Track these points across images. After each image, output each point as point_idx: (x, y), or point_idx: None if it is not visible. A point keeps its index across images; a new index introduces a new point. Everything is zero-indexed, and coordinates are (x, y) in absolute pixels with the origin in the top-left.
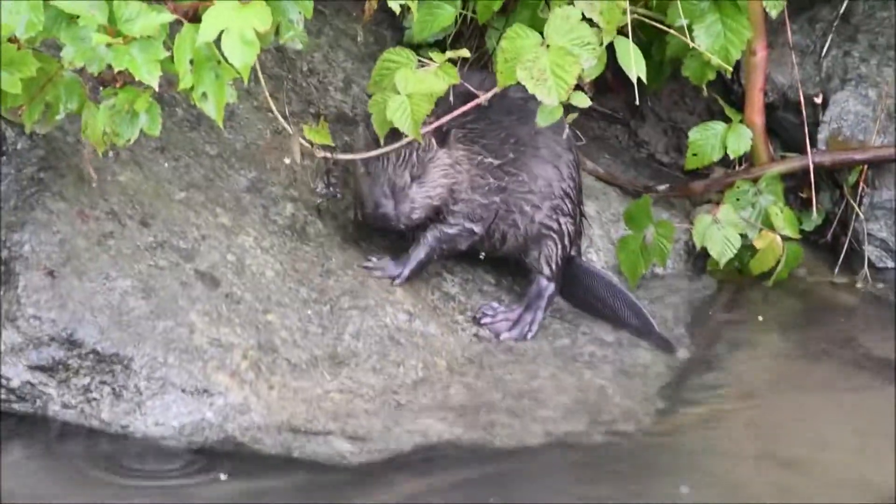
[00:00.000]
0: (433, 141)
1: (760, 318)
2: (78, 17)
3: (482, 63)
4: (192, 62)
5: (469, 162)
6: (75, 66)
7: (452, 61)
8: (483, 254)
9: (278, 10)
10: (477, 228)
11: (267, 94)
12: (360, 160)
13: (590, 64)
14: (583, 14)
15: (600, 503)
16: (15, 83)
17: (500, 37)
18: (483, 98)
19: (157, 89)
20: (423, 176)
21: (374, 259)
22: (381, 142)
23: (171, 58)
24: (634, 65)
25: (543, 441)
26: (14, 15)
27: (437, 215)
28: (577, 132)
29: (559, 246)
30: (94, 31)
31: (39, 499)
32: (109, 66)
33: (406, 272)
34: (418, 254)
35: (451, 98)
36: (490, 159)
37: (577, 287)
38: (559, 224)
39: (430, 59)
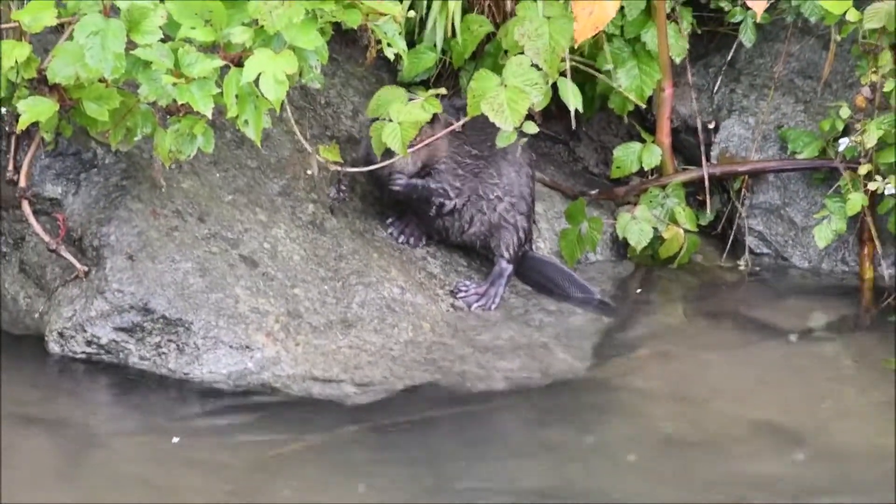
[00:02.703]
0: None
1: (639, 290)
2: (151, 62)
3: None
4: (237, 97)
5: (450, 144)
6: (149, 99)
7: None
8: (454, 236)
9: (302, 57)
10: (452, 193)
11: (293, 120)
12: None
13: (537, 99)
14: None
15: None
16: (103, 113)
17: (469, 77)
18: (459, 125)
19: (210, 117)
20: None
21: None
22: (378, 158)
23: (222, 93)
24: (573, 99)
25: (504, 386)
26: (102, 61)
27: (427, 173)
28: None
29: (515, 237)
30: (163, 73)
31: (118, 419)
32: (174, 100)
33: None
34: (410, 192)
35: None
36: (468, 147)
37: (531, 271)
38: (515, 219)
39: (417, 94)
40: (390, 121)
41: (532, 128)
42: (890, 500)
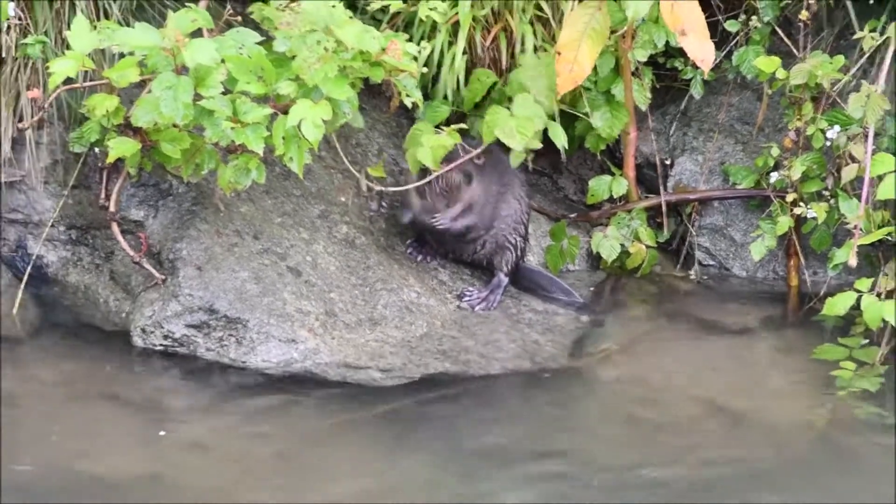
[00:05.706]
0: (462, 181)
1: (591, 288)
2: (214, 111)
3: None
4: (283, 138)
5: (484, 189)
6: (213, 140)
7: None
8: (466, 256)
9: (336, 106)
10: (481, 224)
11: (343, 154)
12: (415, 192)
13: (540, 126)
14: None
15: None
16: (176, 152)
17: (476, 118)
18: (477, 152)
19: (262, 155)
20: (453, 202)
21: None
22: (415, 175)
23: (271, 135)
24: (561, 138)
25: (501, 372)
26: (174, 110)
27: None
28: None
29: (514, 255)
30: (224, 119)
31: (190, 397)
32: (233, 141)
33: (450, 222)
34: (449, 229)
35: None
36: (495, 187)
37: (523, 279)
38: (515, 241)
39: (441, 129)
40: (422, 145)
41: (536, 144)
42: (815, 465)
